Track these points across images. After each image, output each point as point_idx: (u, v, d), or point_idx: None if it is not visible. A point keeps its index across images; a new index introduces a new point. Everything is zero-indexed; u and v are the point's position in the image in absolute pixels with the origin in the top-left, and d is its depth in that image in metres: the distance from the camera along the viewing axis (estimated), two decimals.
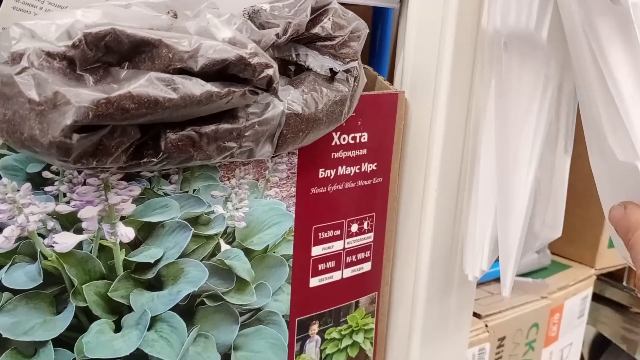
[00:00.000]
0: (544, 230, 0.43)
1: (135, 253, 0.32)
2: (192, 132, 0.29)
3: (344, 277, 0.41)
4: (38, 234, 0.30)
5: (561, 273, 0.69)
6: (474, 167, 0.41)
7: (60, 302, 0.31)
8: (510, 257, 0.39)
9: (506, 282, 0.39)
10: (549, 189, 0.42)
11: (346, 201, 0.40)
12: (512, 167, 0.39)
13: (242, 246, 0.36)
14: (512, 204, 0.39)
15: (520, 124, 0.38)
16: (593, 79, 0.33)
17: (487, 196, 0.40)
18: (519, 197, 0.39)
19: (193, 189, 0.33)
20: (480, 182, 0.40)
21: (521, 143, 0.38)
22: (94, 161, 0.27)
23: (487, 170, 0.40)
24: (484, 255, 0.41)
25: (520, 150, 0.38)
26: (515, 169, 0.38)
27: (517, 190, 0.39)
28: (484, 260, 0.41)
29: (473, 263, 0.41)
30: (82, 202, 0.30)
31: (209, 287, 0.35)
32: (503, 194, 0.39)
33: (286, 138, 0.32)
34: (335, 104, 0.34)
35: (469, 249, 0.41)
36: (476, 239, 0.41)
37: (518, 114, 0.38)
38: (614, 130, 0.32)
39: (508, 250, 0.39)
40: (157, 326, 0.34)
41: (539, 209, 0.42)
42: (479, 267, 0.41)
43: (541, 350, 0.63)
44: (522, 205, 0.39)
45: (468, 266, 0.41)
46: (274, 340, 0.38)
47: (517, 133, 0.38)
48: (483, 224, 0.41)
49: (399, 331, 0.45)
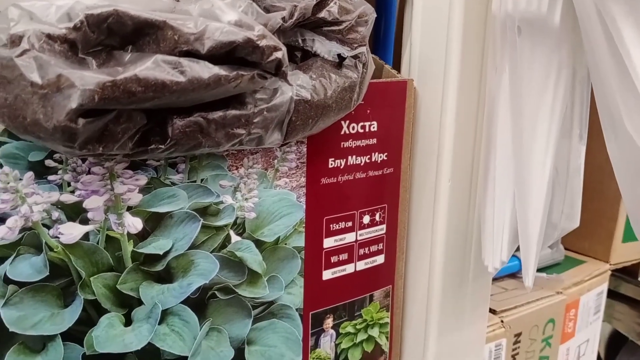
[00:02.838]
0: (562, 219, 0.42)
1: (144, 244, 0.32)
2: (199, 118, 0.28)
3: (357, 270, 0.40)
4: (43, 224, 0.29)
5: (575, 268, 0.68)
6: (489, 156, 0.40)
7: (68, 295, 0.30)
8: (531, 248, 0.38)
9: (528, 272, 0.38)
10: (566, 177, 0.41)
11: (357, 192, 0.39)
12: (529, 156, 0.38)
13: (253, 237, 0.35)
14: (531, 194, 0.38)
15: (536, 111, 0.37)
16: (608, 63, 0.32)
17: (504, 186, 0.39)
18: (537, 187, 0.38)
19: (201, 179, 0.33)
20: (497, 171, 0.39)
21: (537, 131, 0.37)
22: (100, 147, 0.26)
23: (503, 159, 0.39)
24: (503, 246, 0.40)
25: (537, 138, 0.37)
26: (532, 157, 0.38)
27: (535, 179, 0.38)
28: (504, 251, 0.40)
29: (492, 254, 0.40)
30: (87, 192, 0.30)
31: (220, 280, 0.34)
32: (520, 184, 0.38)
33: (295, 125, 0.32)
34: (345, 90, 0.33)
35: (487, 240, 0.40)
36: (494, 230, 0.40)
37: (533, 102, 0.37)
38: (631, 114, 0.32)
39: (528, 241, 0.38)
40: (168, 320, 0.33)
41: (556, 198, 0.41)
42: (499, 258, 0.40)
43: (558, 346, 0.62)
44: (540, 195, 0.38)
45: (487, 257, 0.40)
46: (288, 334, 0.37)
47: (532, 121, 0.37)
48: (501, 215, 0.40)
49: (415, 325, 0.44)
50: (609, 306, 0.76)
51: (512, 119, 0.38)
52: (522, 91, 0.37)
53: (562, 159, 0.40)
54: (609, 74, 0.32)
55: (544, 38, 0.36)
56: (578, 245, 0.71)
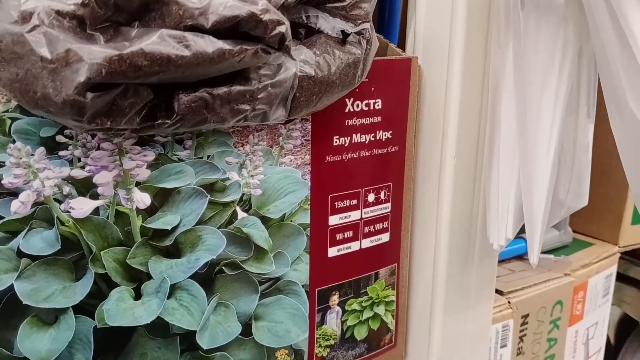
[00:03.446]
0: (569, 197, 0.42)
1: (152, 219, 0.32)
2: (204, 93, 0.29)
3: (362, 248, 0.40)
4: (54, 199, 0.30)
5: (584, 251, 0.67)
6: (493, 133, 0.40)
7: (79, 269, 0.31)
8: (536, 224, 0.38)
9: (534, 249, 0.38)
10: (573, 154, 0.41)
11: (362, 170, 0.39)
12: (534, 133, 0.38)
13: (259, 214, 0.36)
14: (536, 171, 0.38)
15: (540, 88, 0.37)
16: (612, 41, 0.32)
17: (509, 162, 0.39)
18: (542, 163, 0.38)
19: (207, 155, 0.33)
20: (502, 148, 0.39)
21: (542, 107, 0.37)
22: (108, 121, 0.27)
23: (507, 136, 0.39)
24: (508, 224, 0.40)
25: (542, 115, 0.37)
26: (537, 134, 0.38)
27: (540, 156, 0.38)
28: (509, 229, 0.40)
29: (497, 231, 0.40)
30: (97, 167, 0.30)
31: (227, 255, 0.35)
32: (525, 161, 0.38)
33: (299, 101, 0.32)
34: (348, 66, 0.33)
35: (492, 217, 0.41)
36: (499, 207, 0.40)
37: (537, 78, 0.37)
38: (635, 93, 0.32)
39: (533, 217, 0.38)
40: (176, 294, 0.34)
41: (563, 176, 0.41)
42: (504, 236, 0.40)
43: (566, 329, 0.62)
44: (545, 172, 0.38)
45: (492, 235, 0.41)
46: (294, 310, 0.38)
47: (537, 97, 0.37)
48: (506, 192, 0.40)
49: (421, 303, 0.44)
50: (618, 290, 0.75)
51: (517, 95, 0.38)
52: (527, 67, 0.37)
53: (569, 136, 0.40)
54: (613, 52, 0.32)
55: (549, 14, 0.36)
56: (586, 228, 0.71)
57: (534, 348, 0.59)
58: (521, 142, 0.39)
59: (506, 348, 0.54)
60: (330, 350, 0.40)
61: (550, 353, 0.61)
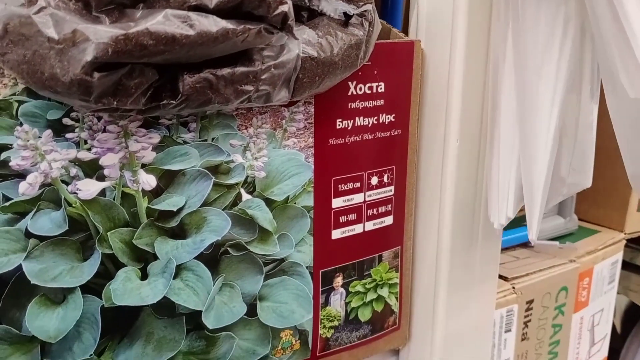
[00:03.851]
0: (571, 175, 0.42)
1: (158, 201, 0.33)
2: (209, 74, 0.29)
3: (365, 230, 0.41)
4: (61, 180, 0.30)
5: (589, 238, 0.68)
6: (494, 111, 0.40)
7: (87, 249, 0.32)
8: (535, 200, 0.38)
9: (532, 225, 0.38)
10: (575, 132, 0.41)
11: (365, 153, 0.40)
12: (534, 110, 0.38)
13: (263, 196, 0.36)
14: (536, 147, 0.38)
15: (540, 65, 0.37)
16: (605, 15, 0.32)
17: (510, 140, 0.40)
18: (543, 140, 0.38)
19: (212, 138, 0.34)
20: (502, 126, 0.40)
21: (542, 85, 0.37)
22: (114, 101, 0.27)
23: (508, 114, 0.39)
24: (509, 202, 0.40)
25: (542, 92, 0.37)
26: (537, 112, 0.38)
27: (540, 134, 0.38)
28: (510, 207, 0.40)
29: (498, 210, 0.40)
30: (103, 149, 0.31)
31: (232, 237, 0.35)
32: (525, 138, 0.39)
33: (302, 82, 0.32)
34: (351, 47, 0.34)
35: (493, 196, 0.41)
36: (500, 185, 0.40)
37: (538, 55, 0.37)
38: (626, 66, 0.32)
39: (533, 193, 0.38)
40: (182, 275, 0.34)
41: (564, 153, 0.41)
42: (505, 214, 0.40)
43: (571, 315, 0.62)
44: (545, 148, 0.38)
45: (493, 214, 0.41)
46: (298, 291, 0.38)
47: (537, 75, 0.37)
48: (507, 170, 0.40)
49: (424, 286, 0.45)
50: (624, 278, 0.75)
51: (516, 72, 0.38)
52: (527, 44, 0.37)
53: (571, 114, 0.40)
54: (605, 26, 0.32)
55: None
56: (592, 214, 0.71)
57: (539, 334, 0.59)
58: (521, 118, 0.39)
59: (510, 333, 0.55)
60: (334, 331, 0.41)
61: (555, 339, 0.61)
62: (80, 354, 0.32)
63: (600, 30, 0.33)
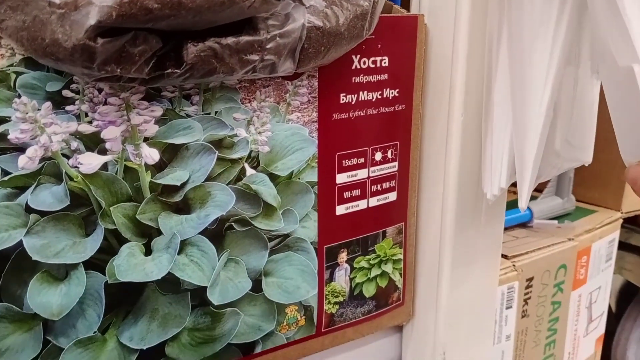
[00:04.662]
0: (568, 149, 0.42)
1: (161, 175, 0.32)
2: (213, 43, 0.28)
3: (370, 206, 0.40)
4: (62, 154, 0.30)
5: (587, 217, 0.68)
6: (490, 84, 0.40)
7: (89, 224, 0.31)
8: (525, 169, 0.38)
9: (522, 193, 0.38)
10: (571, 107, 0.41)
11: (369, 128, 0.39)
12: (527, 82, 0.37)
13: (267, 171, 0.35)
14: (528, 119, 0.38)
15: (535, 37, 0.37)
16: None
17: (504, 111, 0.39)
18: (535, 112, 0.37)
19: (215, 111, 0.33)
20: (496, 98, 0.39)
21: (536, 57, 0.37)
22: (118, 69, 0.26)
23: (502, 86, 0.39)
24: (502, 172, 0.40)
25: (535, 64, 0.37)
26: (531, 84, 0.37)
27: (533, 105, 0.37)
28: (502, 178, 0.40)
29: (491, 181, 0.40)
30: (105, 122, 0.30)
31: (236, 212, 0.35)
32: (518, 109, 0.38)
33: (308, 53, 0.32)
34: (357, 18, 0.33)
35: (487, 167, 0.40)
36: (493, 156, 0.40)
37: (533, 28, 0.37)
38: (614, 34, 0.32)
39: (524, 162, 0.38)
40: (187, 250, 0.33)
41: (559, 126, 0.41)
42: (497, 185, 0.40)
43: (570, 292, 0.63)
44: (538, 120, 0.37)
45: (486, 184, 0.41)
46: (303, 267, 0.38)
47: (531, 47, 0.37)
48: (500, 141, 0.40)
49: (428, 262, 0.44)
50: (619, 257, 0.76)
51: (511, 44, 0.37)
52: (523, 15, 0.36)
53: (568, 88, 0.40)
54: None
55: None
56: (589, 196, 0.71)
57: (539, 311, 0.59)
58: (514, 90, 0.38)
59: (511, 309, 0.55)
60: (339, 307, 0.40)
61: (554, 316, 0.61)
62: (84, 331, 0.32)
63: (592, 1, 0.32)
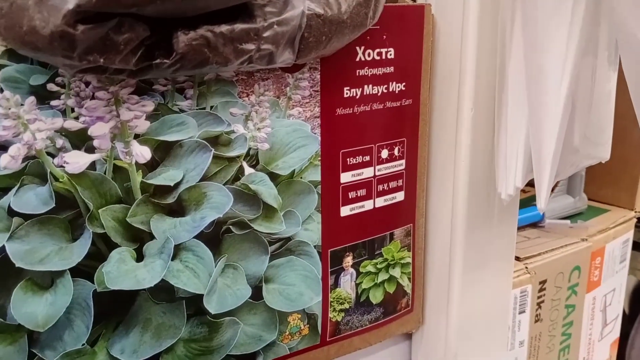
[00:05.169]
0: (586, 145, 0.40)
1: (153, 175, 0.30)
2: (206, 31, 0.26)
3: (376, 207, 0.38)
4: (47, 152, 0.28)
5: (600, 217, 0.65)
6: (502, 77, 0.38)
7: (76, 228, 0.29)
8: (544, 168, 0.36)
9: (541, 193, 0.36)
10: (589, 100, 0.39)
11: (374, 124, 0.37)
12: (544, 75, 0.35)
13: (267, 170, 0.33)
14: (546, 114, 0.35)
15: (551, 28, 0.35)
16: None
17: (519, 106, 0.37)
18: (553, 106, 0.35)
19: (210, 106, 0.31)
20: (510, 92, 0.37)
21: (552, 47, 0.35)
22: (101, 58, 0.24)
23: (516, 79, 0.37)
24: (517, 171, 0.37)
25: (552, 55, 0.35)
26: (547, 76, 0.35)
27: (550, 99, 0.35)
28: (518, 176, 0.37)
29: (506, 180, 0.38)
30: (92, 118, 0.28)
31: (234, 214, 0.32)
32: (534, 103, 0.36)
33: (308, 42, 0.30)
34: (360, 5, 0.31)
35: (501, 165, 0.38)
36: (508, 154, 0.38)
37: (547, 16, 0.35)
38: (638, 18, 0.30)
39: (542, 160, 0.36)
40: (181, 255, 0.31)
41: (578, 121, 0.39)
42: (513, 184, 0.37)
43: (584, 295, 0.60)
44: (556, 114, 0.35)
45: (500, 184, 0.38)
46: (306, 272, 0.36)
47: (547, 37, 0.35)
48: (515, 138, 0.37)
49: (438, 266, 0.42)
50: (633, 258, 0.73)
51: (525, 33, 0.35)
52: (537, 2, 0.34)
53: (585, 80, 0.37)
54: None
55: None
56: (601, 194, 0.69)
57: (552, 315, 0.57)
58: (530, 83, 0.36)
59: (525, 314, 0.53)
60: (345, 314, 0.38)
61: (568, 320, 0.59)
62: (72, 343, 0.29)
63: None
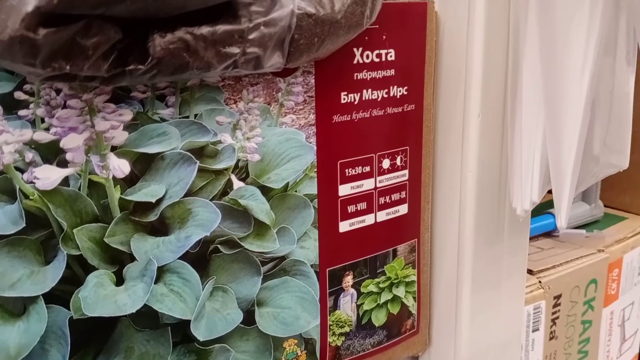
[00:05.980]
0: (606, 153, 0.37)
1: (133, 191, 0.28)
2: (185, 33, 0.24)
3: (377, 221, 0.36)
4: (15, 167, 0.25)
5: (617, 225, 0.62)
6: (515, 81, 0.35)
7: (49, 250, 0.27)
8: (564, 181, 0.33)
9: (561, 210, 0.33)
10: (609, 103, 0.36)
11: (375, 132, 0.35)
12: (562, 77, 0.33)
13: (258, 183, 0.31)
14: (564, 120, 0.33)
15: (569, 24, 0.32)
16: None
17: (533, 114, 0.34)
18: (572, 111, 0.33)
19: (194, 114, 0.29)
20: (524, 97, 0.34)
21: (570, 47, 0.32)
22: (68, 65, 0.22)
23: (531, 82, 0.34)
24: (533, 184, 0.35)
25: (570, 56, 0.32)
26: (565, 79, 0.33)
27: (570, 104, 0.33)
28: (534, 190, 0.35)
29: (521, 194, 0.35)
30: (64, 129, 0.26)
31: (223, 232, 0.30)
32: (552, 109, 0.33)
33: (299, 44, 0.27)
34: (355, 3, 0.29)
35: (515, 178, 0.36)
36: (523, 166, 0.35)
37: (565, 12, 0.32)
38: None
39: (561, 173, 0.33)
40: (165, 278, 0.29)
41: (598, 127, 0.36)
42: (529, 199, 0.35)
43: (601, 310, 0.57)
44: (576, 120, 0.33)
45: (515, 198, 0.36)
46: (302, 293, 0.33)
47: (564, 36, 0.32)
48: (530, 147, 0.35)
49: (445, 284, 0.40)
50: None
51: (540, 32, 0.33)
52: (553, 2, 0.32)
53: (605, 81, 0.35)
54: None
55: None
56: (618, 201, 0.66)
57: (568, 332, 0.54)
58: (547, 87, 0.34)
59: (538, 332, 0.50)
60: (345, 338, 0.36)
61: (585, 336, 0.56)
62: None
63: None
